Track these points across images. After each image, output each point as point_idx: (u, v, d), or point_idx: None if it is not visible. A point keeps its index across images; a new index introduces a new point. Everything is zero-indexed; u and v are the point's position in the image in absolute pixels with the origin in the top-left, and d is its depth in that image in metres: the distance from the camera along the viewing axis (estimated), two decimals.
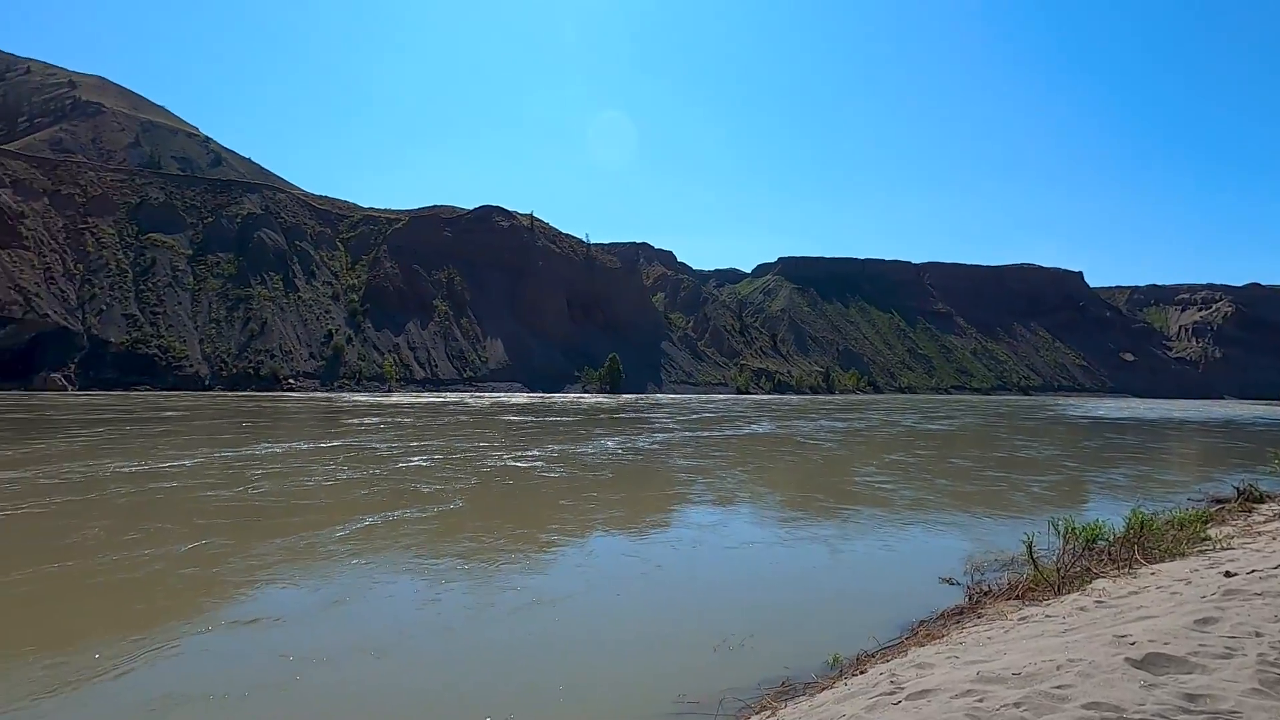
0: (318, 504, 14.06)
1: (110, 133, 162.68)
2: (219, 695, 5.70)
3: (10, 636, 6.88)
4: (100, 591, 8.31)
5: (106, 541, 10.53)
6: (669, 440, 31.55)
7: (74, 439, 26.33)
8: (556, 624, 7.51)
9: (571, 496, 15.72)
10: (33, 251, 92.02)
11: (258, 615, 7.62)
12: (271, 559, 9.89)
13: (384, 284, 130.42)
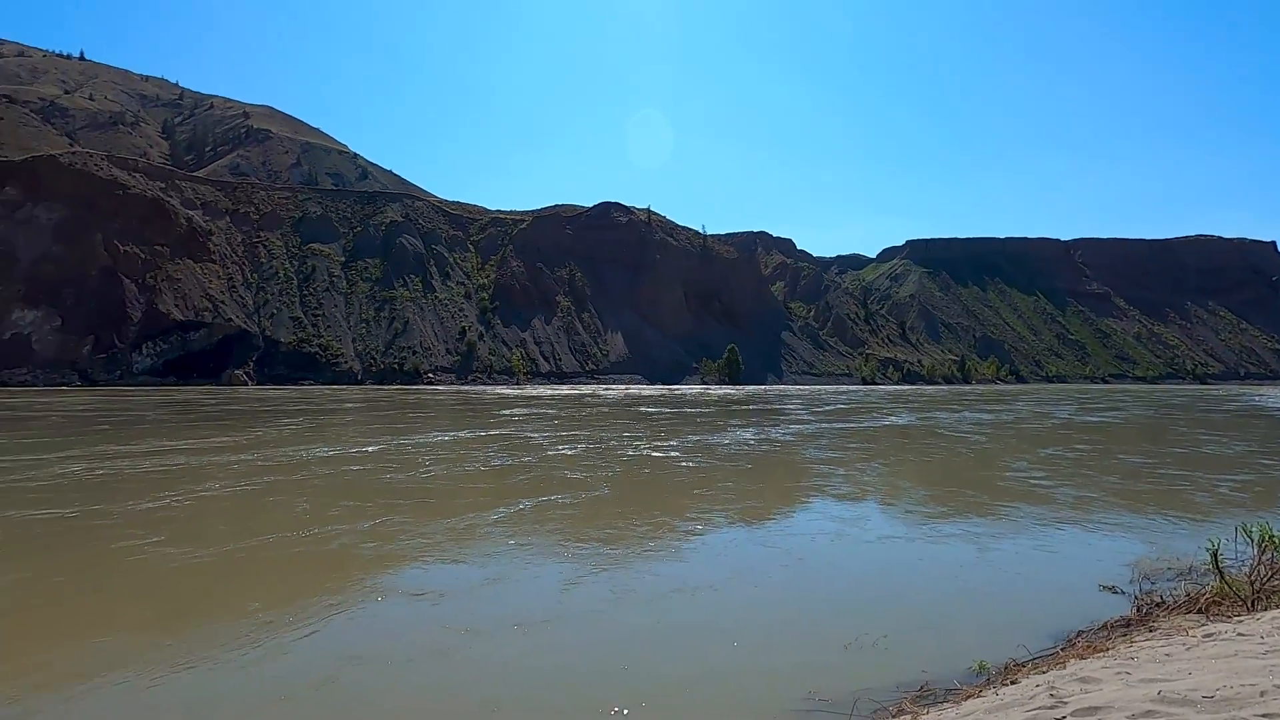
0: (479, 488, 15.12)
1: (277, 155, 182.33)
2: (389, 658, 6.33)
3: (236, 598, 8.01)
4: (302, 560, 9.49)
5: (307, 517, 11.89)
6: (804, 431, 30.91)
7: (283, 427, 29.95)
8: (693, 612, 7.59)
9: (710, 486, 15.75)
10: (218, 264, 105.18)
11: (426, 589, 8.28)
12: (439, 537, 10.73)
13: (511, 282, 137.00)
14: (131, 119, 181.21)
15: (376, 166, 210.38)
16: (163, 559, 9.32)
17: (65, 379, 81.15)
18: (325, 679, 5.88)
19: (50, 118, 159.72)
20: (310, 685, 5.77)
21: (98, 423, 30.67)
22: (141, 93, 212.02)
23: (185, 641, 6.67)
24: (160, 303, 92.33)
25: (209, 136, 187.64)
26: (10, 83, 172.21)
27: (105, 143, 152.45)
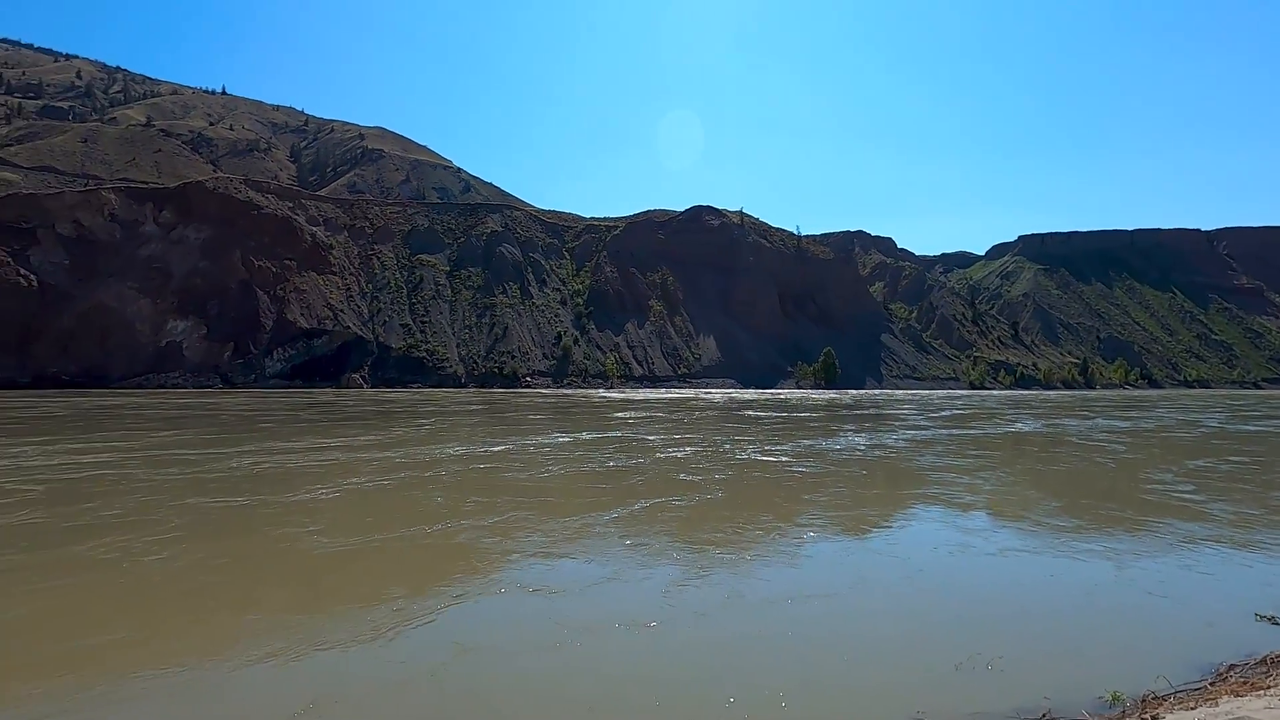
0: (596, 488, 15.56)
1: (388, 172, 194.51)
2: (502, 649, 6.62)
3: (370, 585, 8.66)
4: (432, 552, 10.14)
5: (438, 511, 12.68)
6: (919, 438, 29.62)
7: (419, 427, 31.96)
8: (801, 621, 7.46)
9: (824, 492, 15.43)
10: (338, 276, 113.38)
11: (542, 584, 8.59)
12: (557, 535, 11.10)
13: (605, 287, 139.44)
14: (265, 145, 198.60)
15: (478, 180, 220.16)
16: (312, 546, 10.16)
17: (209, 382, 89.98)
18: (439, 666, 6.21)
19: (198, 147, 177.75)
20: (425, 672, 6.10)
21: (261, 422, 33.72)
22: (273, 121, 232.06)
23: (322, 622, 7.22)
24: (288, 312, 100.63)
25: (330, 158, 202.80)
26: (166, 118, 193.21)
27: (243, 168, 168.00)
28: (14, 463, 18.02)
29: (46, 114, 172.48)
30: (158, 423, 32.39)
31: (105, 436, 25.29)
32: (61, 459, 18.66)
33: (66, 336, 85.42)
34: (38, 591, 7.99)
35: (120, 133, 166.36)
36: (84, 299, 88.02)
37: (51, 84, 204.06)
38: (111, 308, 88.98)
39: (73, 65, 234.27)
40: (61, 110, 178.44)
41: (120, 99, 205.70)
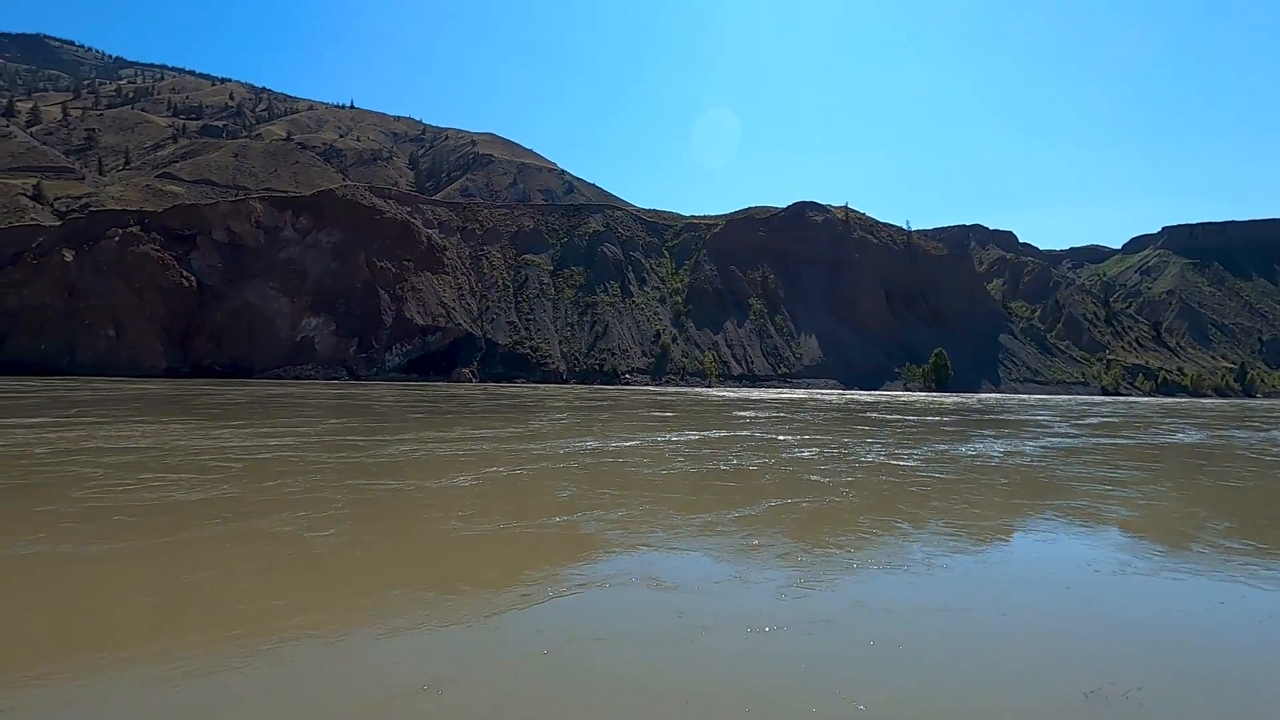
0: (723, 485, 15.63)
1: (497, 176, 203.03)
2: (616, 639, 6.78)
3: (498, 569, 9.12)
4: (559, 540, 10.50)
5: (569, 502, 13.19)
6: (1064, 445, 27.60)
7: (556, 420, 33.44)
8: (925, 635, 7.15)
9: (960, 499, 14.71)
10: (450, 276, 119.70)
11: (663, 578, 8.68)
12: (682, 530, 11.21)
13: (704, 286, 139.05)
14: (387, 155, 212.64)
15: (581, 181, 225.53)
16: (452, 529, 10.81)
17: (337, 374, 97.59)
18: (554, 651, 6.42)
19: (329, 158, 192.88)
20: (540, 655, 6.31)
21: (412, 412, 36.19)
22: (394, 131, 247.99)
23: (453, 602, 7.71)
24: (406, 310, 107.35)
25: (444, 164, 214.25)
26: (304, 132, 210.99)
27: (368, 176, 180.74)
28: (217, 443, 20.47)
29: (205, 133, 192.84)
30: (323, 411, 35.61)
31: (285, 422, 28.11)
32: (253, 441, 20.99)
33: (219, 331, 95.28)
34: (227, 557, 9.02)
35: (265, 147, 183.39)
36: (234, 298, 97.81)
37: (209, 106, 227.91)
38: (256, 306, 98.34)
39: (227, 88, 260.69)
40: (217, 129, 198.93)
41: (265, 116, 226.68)
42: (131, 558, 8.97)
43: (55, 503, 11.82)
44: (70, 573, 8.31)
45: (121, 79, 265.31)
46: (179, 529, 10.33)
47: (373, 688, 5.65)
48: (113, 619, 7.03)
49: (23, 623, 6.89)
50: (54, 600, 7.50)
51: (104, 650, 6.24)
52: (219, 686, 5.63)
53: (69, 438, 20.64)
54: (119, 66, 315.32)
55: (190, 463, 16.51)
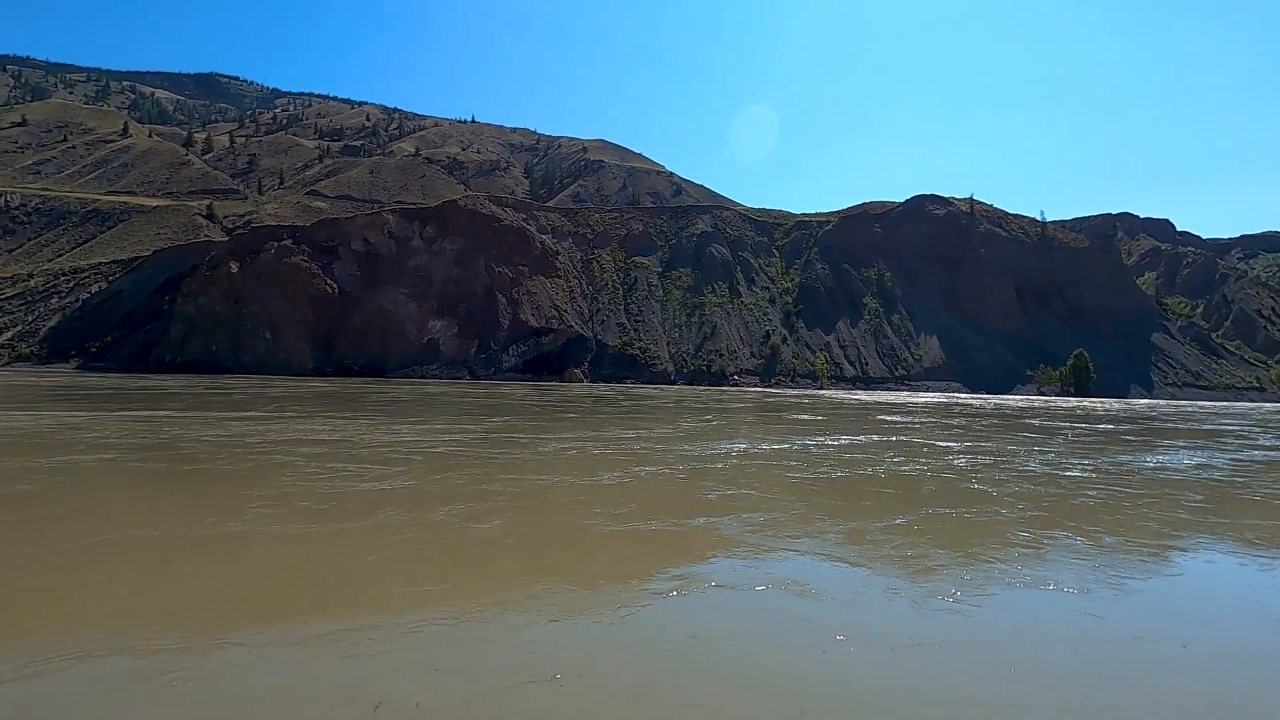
0: (880, 492, 15.15)
1: (607, 181, 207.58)
2: (742, 641, 6.77)
3: (627, 566, 9.39)
4: (701, 540, 10.54)
5: (713, 503, 13.25)
6: (1266, 459, 24.54)
7: (705, 421, 33.71)
8: (1092, 665, 6.53)
9: (1143, 516, 13.39)
10: (563, 279, 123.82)
11: (801, 585, 8.43)
12: (829, 536, 10.85)
13: (815, 285, 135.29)
14: (504, 165, 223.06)
15: (689, 182, 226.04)
16: (599, 525, 11.21)
17: (458, 374, 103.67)
18: (672, 649, 6.55)
19: (452, 170, 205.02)
20: (656, 653, 6.42)
21: (561, 412, 37.84)
22: (510, 142, 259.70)
23: (589, 595, 7.98)
24: (521, 313, 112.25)
25: (557, 171, 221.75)
26: (430, 148, 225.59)
27: (486, 186, 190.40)
28: (397, 437, 22.40)
29: (345, 152, 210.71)
30: (481, 410, 37.86)
31: (453, 420, 30.17)
32: (429, 436, 22.81)
33: (357, 334, 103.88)
34: (394, 543, 9.87)
35: (396, 163, 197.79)
36: (369, 303, 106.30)
37: (349, 127, 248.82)
38: (388, 310, 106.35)
39: (364, 110, 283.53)
40: (356, 148, 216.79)
41: (397, 134, 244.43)
42: (312, 540, 9.98)
43: (260, 488, 13.48)
44: (258, 551, 9.50)
45: (277, 108, 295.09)
46: (357, 516, 11.39)
47: (504, 673, 6.04)
48: (284, 594, 7.99)
49: (211, 593, 8.02)
50: (241, 575, 8.64)
51: (273, 622, 7.15)
52: (365, 661, 6.29)
53: (274, 430, 23.31)
54: (275, 96, 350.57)
55: (374, 455, 18.07)
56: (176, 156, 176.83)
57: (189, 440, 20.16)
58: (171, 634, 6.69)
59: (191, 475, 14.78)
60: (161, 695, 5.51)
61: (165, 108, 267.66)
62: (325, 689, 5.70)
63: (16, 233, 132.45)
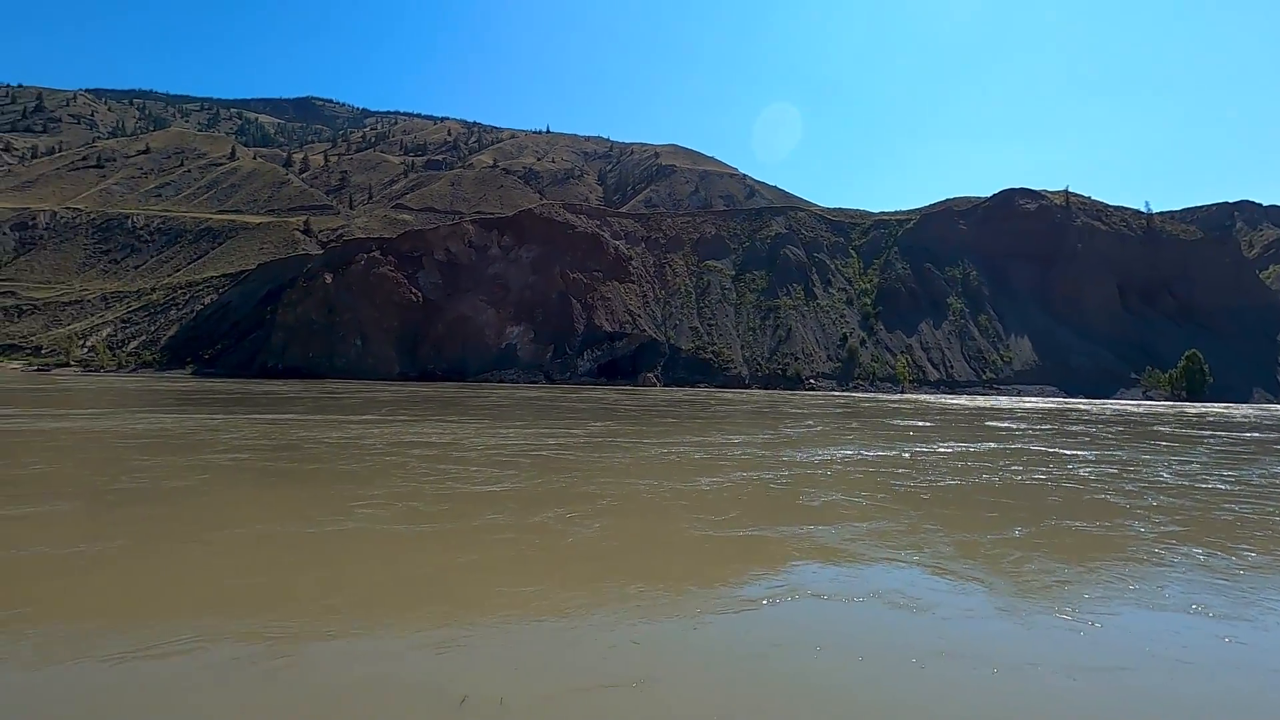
0: (998, 501, 14.58)
1: (679, 186, 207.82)
2: (831, 652, 6.59)
3: (735, 572, 9.38)
4: (797, 548, 10.35)
5: (814, 511, 12.97)
6: None
7: (808, 427, 33.61)
8: (1239, 697, 5.95)
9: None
10: (636, 284, 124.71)
11: (904, 599, 8.06)
12: (940, 548, 10.34)
13: (895, 285, 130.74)
14: (578, 173, 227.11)
15: (763, 184, 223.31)
16: (696, 531, 11.20)
17: (535, 378, 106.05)
18: (754, 656, 6.43)
19: (528, 180, 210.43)
20: (738, 659, 6.34)
21: (659, 417, 38.35)
22: (584, 150, 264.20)
23: (681, 600, 7.98)
24: (596, 318, 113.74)
25: (630, 177, 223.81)
26: (506, 159, 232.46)
27: (561, 194, 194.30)
28: (503, 440, 23.35)
29: (429, 166, 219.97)
30: (579, 414, 38.65)
31: (555, 424, 31.00)
32: (534, 441, 23.60)
33: (439, 340, 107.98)
34: (493, 544, 10.21)
35: (475, 175, 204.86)
36: (450, 310, 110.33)
37: (432, 142, 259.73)
38: (468, 317, 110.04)
39: (445, 125, 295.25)
40: (438, 162, 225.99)
41: (476, 148, 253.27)
42: (417, 539, 10.43)
43: (374, 488, 14.21)
44: (366, 547, 9.97)
45: (366, 127, 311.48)
46: (462, 517, 11.80)
47: (588, 674, 6.12)
48: (384, 590, 8.33)
49: (317, 586, 8.43)
50: (347, 570, 9.07)
51: (371, 616, 7.44)
52: (454, 656, 6.46)
53: (389, 433, 24.63)
54: (364, 116, 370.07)
55: (482, 458, 18.78)
56: (277, 176, 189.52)
57: (313, 442, 21.49)
58: (277, 623, 7.07)
59: (314, 475, 15.73)
60: (262, 681, 5.81)
61: (268, 131, 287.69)
62: (414, 682, 5.87)
63: (141, 250, 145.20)
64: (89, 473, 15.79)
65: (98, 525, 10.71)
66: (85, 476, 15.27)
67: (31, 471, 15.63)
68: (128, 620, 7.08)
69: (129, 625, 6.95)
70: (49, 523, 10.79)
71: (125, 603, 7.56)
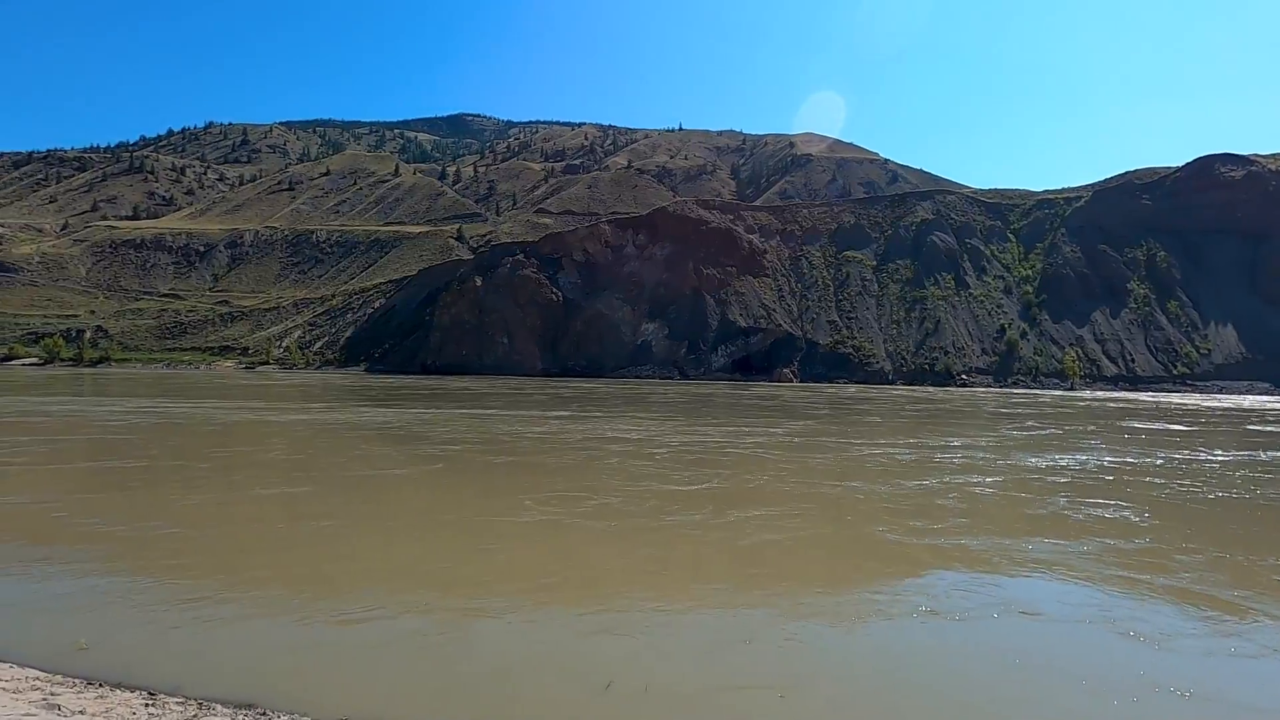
0: (1238, 517, 13.39)
1: (815, 175, 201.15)
2: (957, 659, 6.35)
3: (889, 574, 9.38)
4: (965, 558, 10.03)
5: (1046, 522, 12.35)
6: None
7: (1029, 430, 32.24)
8: None
9: None
10: (770, 278, 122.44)
11: (1127, 620, 7.50)
12: (1198, 572, 9.45)
13: (1062, 271, 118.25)
14: (710, 168, 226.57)
15: (906, 168, 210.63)
16: (886, 535, 11.08)
17: (669, 374, 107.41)
18: (897, 664, 6.25)
19: (662, 179, 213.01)
20: (890, 671, 6.20)
21: (858, 416, 38.12)
22: (717, 145, 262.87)
23: (829, 604, 8.01)
24: (729, 313, 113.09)
25: (763, 170, 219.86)
26: (640, 159, 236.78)
27: (694, 190, 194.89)
28: (698, 438, 24.15)
29: (567, 171, 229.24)
30: (768, 411, 38.91)
31: (748, 421, 31.59)
32: (730, 439, 24.27)
33: (578, 338, 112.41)
34: (675, 540, 10.68)
35: (611, 176, 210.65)
36: (588, 309, 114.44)
37: (569, 148, 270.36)
38: (605, 315, 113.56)
39: (582, 130, 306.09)
40: (576, 166, 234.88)
41: (611, 150, 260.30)
42: (603, 534, 11.04)
43: (572, 480, 15.28)
44: (552, 538, 10.79)
45: (509, 137, 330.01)
46: (652, 514, 12.26)
47: (735, 673, 6.27)
48: (556, 577, 9.01)
49: (495, 569, 9.32)
50: (527, 557, 9.89)
51: (540, 601, 8.10)
52: (609, 643, 6.90)
53: (583, 429, 26.42)
54: (509, 127, 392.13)
55: (677, 457, 19.44)
56: (434, 189, 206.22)
57: (518, 437, 23.55)
58: (447, 600, 7.93)
59: (518, 467, 17.30)
60: (430, 653, 6.58)
61: (425, 148, 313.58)
62: (565, 665, 6.35)
63: (324, 261, 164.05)
64: (325, 459, 18.62)
65: (325, 506, 12.55)
66: (322, 463, 17.98)
67: (279, 457, 18.62)
68: (330, 590, 8.26)
69: (330, 594, 8.11)
70: (289, 502, 12.84)
71: (331, 575, 8.81)
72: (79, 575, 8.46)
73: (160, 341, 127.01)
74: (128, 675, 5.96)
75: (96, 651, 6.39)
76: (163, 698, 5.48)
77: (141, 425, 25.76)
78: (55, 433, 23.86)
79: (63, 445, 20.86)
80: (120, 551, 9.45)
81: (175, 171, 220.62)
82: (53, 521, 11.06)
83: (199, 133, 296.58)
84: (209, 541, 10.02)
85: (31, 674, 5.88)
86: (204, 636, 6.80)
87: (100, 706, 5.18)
